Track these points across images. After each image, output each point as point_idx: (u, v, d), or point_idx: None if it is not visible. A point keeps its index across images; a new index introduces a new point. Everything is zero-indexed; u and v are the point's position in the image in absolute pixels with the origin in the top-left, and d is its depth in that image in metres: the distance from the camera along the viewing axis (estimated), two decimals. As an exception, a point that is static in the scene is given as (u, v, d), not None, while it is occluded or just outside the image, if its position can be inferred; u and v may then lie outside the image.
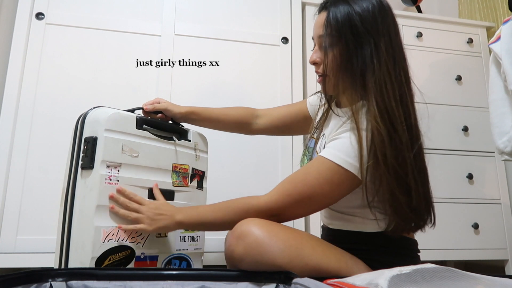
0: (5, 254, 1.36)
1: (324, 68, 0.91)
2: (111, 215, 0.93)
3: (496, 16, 2.07)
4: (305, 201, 0.87)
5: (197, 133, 1.19)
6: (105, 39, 1.60)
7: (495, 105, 1.50)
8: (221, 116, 1.20)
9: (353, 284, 0.66)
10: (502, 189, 1.84)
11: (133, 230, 0.95)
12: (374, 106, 0.84)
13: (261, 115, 1.22)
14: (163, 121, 1.13)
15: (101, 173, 0.92)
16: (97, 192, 0.91)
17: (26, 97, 1.48)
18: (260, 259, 0.80)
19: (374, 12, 0.88)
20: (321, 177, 0.85)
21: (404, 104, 0.86)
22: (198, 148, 1.18)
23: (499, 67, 1.49)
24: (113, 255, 0.92)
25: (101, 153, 0.92)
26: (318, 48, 0.93)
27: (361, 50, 0.87)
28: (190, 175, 1.13)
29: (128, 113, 1.02)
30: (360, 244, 0.93)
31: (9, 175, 1.41)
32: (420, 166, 0.87)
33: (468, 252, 1.74)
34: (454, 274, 0.67)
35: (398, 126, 0.83)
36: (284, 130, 1.23)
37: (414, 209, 0.85)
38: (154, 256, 1.01)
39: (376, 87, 0.84)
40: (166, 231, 1.02)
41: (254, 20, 1.77)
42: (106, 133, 0.94)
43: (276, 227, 0.85)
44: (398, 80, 0.87)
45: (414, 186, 0.84)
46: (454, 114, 1.88)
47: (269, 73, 1.74)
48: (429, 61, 1.92)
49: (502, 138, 1.46)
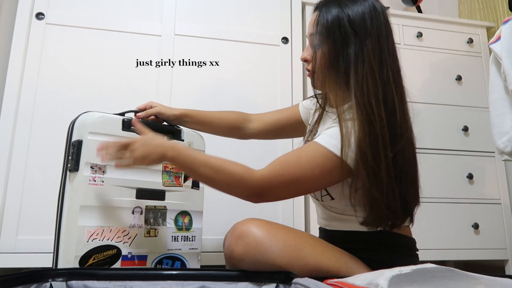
0: (5, 254, 1.35)
1: (313, 65, 0.95)
2: (95, 215, 0.95)
3: (496, 16, 2.07)
4: (294, 183, 0.87)
5: (192, 132, 1.18)
6: (105, 39, 1.60)
7: (495, 105, 1.50)
8: (214, 119, 1.20)
9: (353, 284, 0.66)
10: (502, 189, 1.84)
11: (120, 230, 0.97)
12: (354, 102, 0.87)
13: (254, 120, 1.23)
14: (154, 122, 1.12)
15: (85, 174, 0.95)
16: (81, 193, 0.95)
17: (26, 97, 1.48)
18: (260, 259, 0.80)
19: (364, 14, 0.90)
20: (313, 162, 0.86)
21: (389, 102, 0.87)
22: (193, 147, 1.17)
23: (499, 67, 1.49)
24: (97, 254, 0.94)
25: (85, 156, 0.96)
26: (309, 45, 0.97)
27: (347, 49, 0.89)
28: (184, 174, 1.13)
29: (114, 115, 1.04)
30: (358, 244, 0.93)
31: (9, 175, 1.41)
32: (402, 165, 0.87)
33: (468, 252, 1.74)
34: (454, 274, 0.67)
35: (376, 123, 0.84)
36: (276, 134, 1.24)
37: (389, 207, 0.85)
38: (142, 256, 1.01)
39: (358, 85, 0.87)
40: (157, 163, 0.96)
41: (254, 20, 1.77)
42: (90, 136, 0.98)
43: (276, 227, 0.85)
44: (384, 79, 0.88)
45: (389, 185, 0.84)
46: (454, 114, 1.88)
47: (269, 73, 1.74)
48: (429, 61, 1.92)
49: (502, 138, 1.46)
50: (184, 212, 1.11)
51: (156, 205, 1.06)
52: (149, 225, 1.04)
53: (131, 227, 1.01)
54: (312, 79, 0.98)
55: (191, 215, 1.13)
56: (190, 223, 1.12)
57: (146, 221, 1.03)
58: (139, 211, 1.03)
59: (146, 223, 1.03)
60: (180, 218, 1.11)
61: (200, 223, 1.15)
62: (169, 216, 1.08)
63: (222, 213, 1.53)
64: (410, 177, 0.89)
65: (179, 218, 1.10)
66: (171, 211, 1.08)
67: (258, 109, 1.28)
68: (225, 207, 1.53)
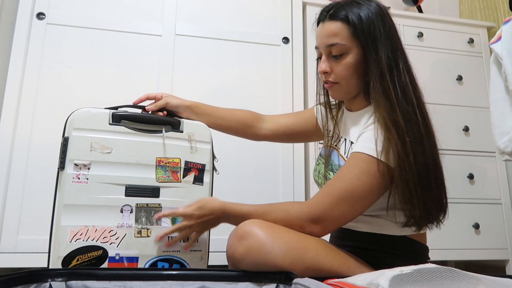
0: (6, 254, 1.36)
1: (335, 76, 0.94)
2: (79, 214, 0.92)
3: (497, 16, 2.07)
4: (347, 198, 0.86)
5: (193, 123, 1.09)
6: (106, 39, 1.60)
7: (496, 105, 1.50)
8: (226, 114, 1.16)
9: (353, 284, 0.66)
10: (503, 189, 1.84)
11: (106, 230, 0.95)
12: (383, 104, 0.88)
13: (267, 120, 1.20)
14: (148, 114, 1.06)
15: (68, 172, 0.93)
16: (65, 192, 0.92)
17: (26, 96, 1.48)
18: (261, 260, 0.79)
19: (375, 19, 0.91)
20: (356, 169, 0.86)
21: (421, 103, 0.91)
22: (194, 139, 1.07)
23: (500, 67, 1.49)
24: (81, 255, 0.91)
25: (70, 153, 0.94)
26: (326, 57, 0.94)
27: (373, 56, 0.89)
28: (183, 169, 1.04)
29: (100, 109, 0.99)
30: (374, 245, 0.93)
31: (10, 175, 1.41)
32: (430, 166, 0.89)
33: (469, 252, 1.74)
34: (455, 274, 0.67)
35: (404, 124, 0.86)
36: (291, 137, 1.21)
37: (428, 207, 0.88)
38: (132, 258, 0.96)
39: (385, 89, 0.88)
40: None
41: (255, 20, 1.77)
42: (75, 132, 0.95)
43: (280, 229, 0.84)
44: (402, 80, 0.90)
45: (426, 184, 0.87)
46: (455, 114, 1.88)
47: (270, 73, 1.74)
48: (430, 61, 1.91)
49: (503, 138, 1.46)
50: None
51: (149, 203, 0.99)
52: (140, 225, 0.97)
53: (119, 227, 0.95)
54: (333, 90, 0.97)
55: None
56: None
57: (136, 220, 0.97)
58: (128, 209, 0.97)
59: (136, 222, 0.97)
60: (179, 216, 1.00)
61: None
62: None
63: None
64: (439, 178, 0.93)
65: (178, 217, 1.01)
66: (167, 209, 1.00)
67: (259, 109, 1.27)
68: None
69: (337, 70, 0.93)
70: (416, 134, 0.86)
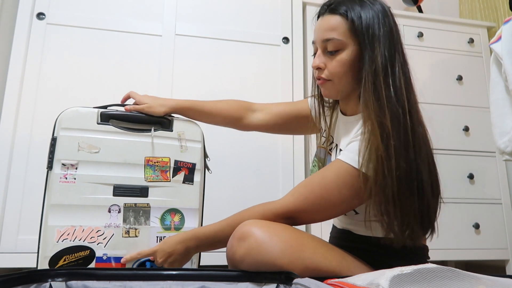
0: (6, 254, 1.36)
1: (328, 73, 0.91)
2: (66, 214, 0.93)
3: (497, 16, 2.07)
4: (322, 204, 0.85)
5: (184, 121, 1.08)
6: (106, 39, 1.60)
7: (496, 105, 1.50)
8: (212, 110, 1.13)
9: (354, 284, 0.66)
10: (503, 189, 1.84)
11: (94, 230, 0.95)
12: (374, 110, 0.83)
13: (258, 110, 1.17)
14: (140, 114, 1.05)
15: (56, 172, 0.94)
16: (52, 192, 0.94)
17: (27, 96, 1.48)
18: (261, 259, 0.79)
19: (378, 18, 0.88)
20: (339, 180, 0.84)
21: (413, 108, 0.87)
22: (184, 138, 1.06)
23: (500, 67, 1.49)
24: (68, 255, 0.91)
25: (58, 153, 0.94)
26: (322, 52, 0.92)
27: (369, 54, 0.86)
28: (173, 168, 1.03)
29: (89, 109, 0.99)
30: (374, 247, 0.92)
31: (10, 175, 1.41)
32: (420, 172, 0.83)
33: (469, 252, 1.74)
34: (455, 274, 0.67)
35: (391, 132, 0.81)
36: (282, 127, 1.17)
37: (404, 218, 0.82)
38: (120, 258, 0.96)
39: (378, 92, 0.84)
40: (189, 259, 0.97)
41: (255, 20, 1.77)
42: (62, 132, 0.96)
43: (277, 227, 0.84)
44: (397, 83, 0.86)
45: (397, 202, 0.80)
46: (455, 114, 1.88)
47: (270, 73, 1.74)
48: (430, 61, 1.91)
49: (503, 138, 1.46)
50: (173, 209, 1.02)
51: (137, 203, 0.99)
52: (129, 225, 0.97)
53: (107, 227, 0.95)
54: (325, 88, 0.93)
55: (182, 212, 1.03)
56: (182, 221, 1.03)
57: (124, 220, 0.97)
58: (116, 209, 0.97)
59: (124, 222, 0.97)
60: (168, 216, 1.02)
61: (195, 222, 1.04)
62: (153, 214, 1.00)
63: (222, 210, 1.51)
64: (430, 185, 0.84)
65: (167, 217, 1.02)
66: (156, 208, 1.00)
67: (258, 109, 1.28)
68: (226, 204, 1.51)
69: (330, 66, 0.89)
70: (403, 140, 0.81)
